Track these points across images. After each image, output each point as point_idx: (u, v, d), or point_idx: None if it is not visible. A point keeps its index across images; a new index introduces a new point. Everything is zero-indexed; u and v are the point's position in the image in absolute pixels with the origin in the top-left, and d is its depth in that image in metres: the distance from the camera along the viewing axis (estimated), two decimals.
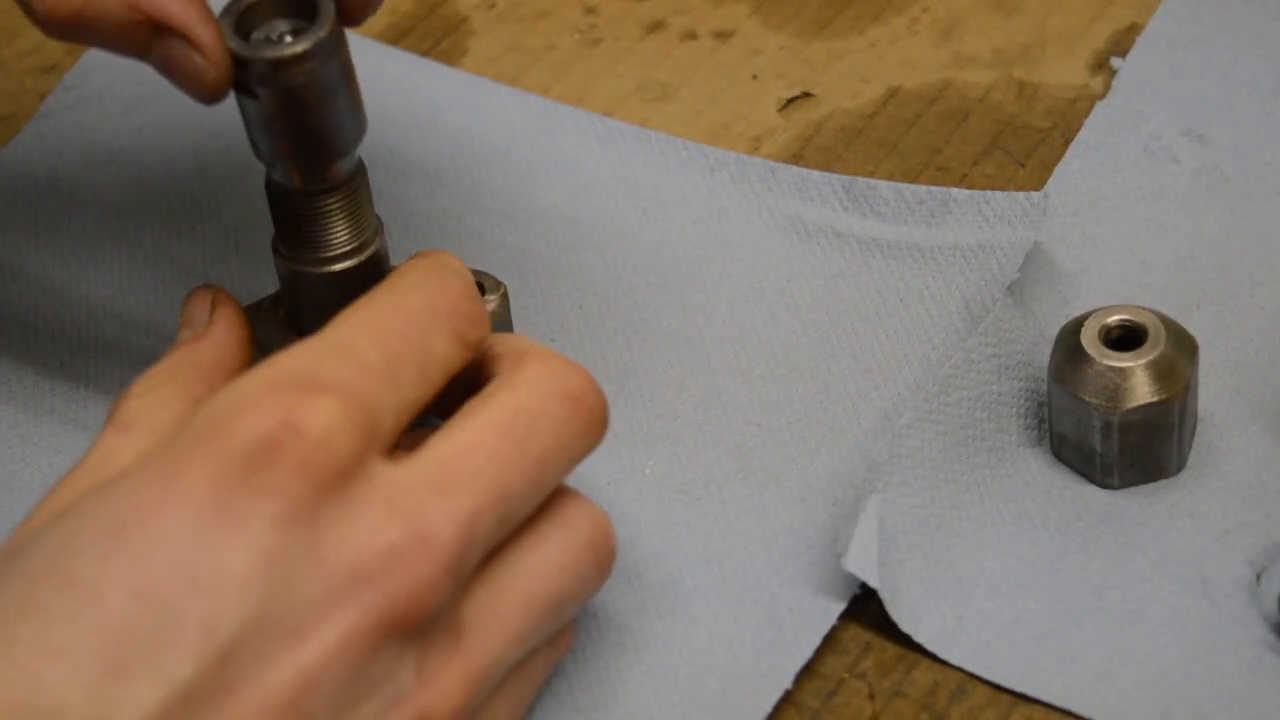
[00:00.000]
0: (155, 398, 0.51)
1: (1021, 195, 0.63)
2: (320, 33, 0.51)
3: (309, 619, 0.44)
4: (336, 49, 0.52)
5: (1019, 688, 0.53)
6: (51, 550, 0.45)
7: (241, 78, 0.52)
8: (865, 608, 0.55)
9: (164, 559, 0.44)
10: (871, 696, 0.54)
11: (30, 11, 0.51)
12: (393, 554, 0.45)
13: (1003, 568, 0.56)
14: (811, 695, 0.54)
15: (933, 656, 0.54)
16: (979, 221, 0.63)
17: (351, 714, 0.45)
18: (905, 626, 0.54)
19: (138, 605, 0.43)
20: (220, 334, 0.54)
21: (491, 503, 0.47)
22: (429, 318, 0.50)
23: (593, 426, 0.50)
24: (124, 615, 0.43)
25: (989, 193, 0.64)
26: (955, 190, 0.64)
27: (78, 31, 0.51)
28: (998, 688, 0.54)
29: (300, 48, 0.51)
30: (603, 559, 0.51)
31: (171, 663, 0.43)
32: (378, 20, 0.74)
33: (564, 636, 0.52)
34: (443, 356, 0.50)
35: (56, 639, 0.43)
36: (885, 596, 0.54)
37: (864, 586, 0.54)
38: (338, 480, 0.45)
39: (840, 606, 0.55)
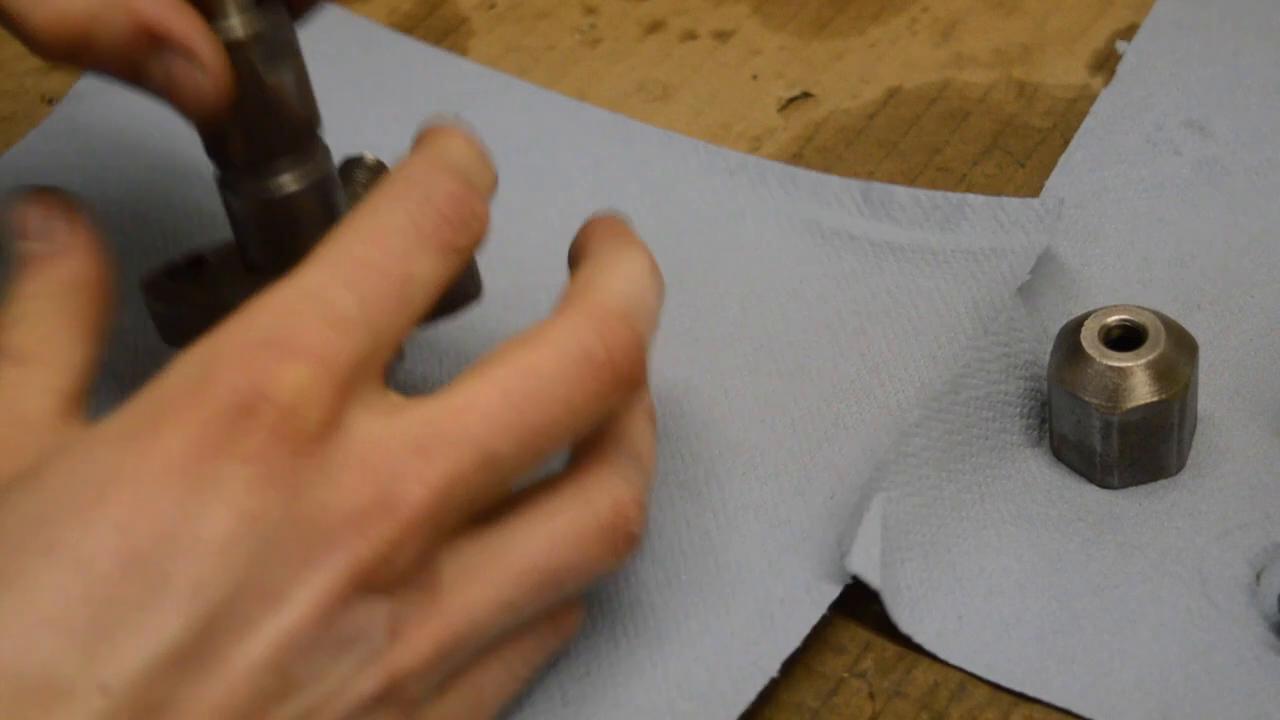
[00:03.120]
0: (44, 328, 0.50)
1: (1036, 202, 0.63)
2: (264, 20, 0.50)
3: (287, 580, 0.45)
4: (286, 36, 0.51)
5: (1019, 688, 0.53)
6: (31, 517, 0.44)
7: None
8: (865, 608, 0.55)
9: (147, 523, 0.44)
10: (871, 696, 0.54)
11: (28, 36, 0.49)
12: (361, 515, 0.45)
13: (1003, 568, 0.56)
14: (811, 695, 0.54)
15: (933, 656, 0.54)
16: (993, 227, 0.63)
17: (328, 672, 0.45)
18: (905, 627, 0.54)
19: (124, 570, 0.43)
20: (89, 245, 0.52)
21: (476, 466, 0.47)
22: (412, 239, 0.49)
23: (609, 388, 0.49)
24: (111, 580, 0.43)
25: (1004, 199, 0.64)
26: (971, 196, 0.64)
27: (77, 52, 0.49)
28: (998, 688, 0.54)
29: (245, 32, 0.50)
30: (619, 543, 0.50)
31: (160, 625, 0.43)
32: (378, 19, 0.74)
33: (568, 618, 0.52)
34: (426, 277, 0.49)
35: (45, 606, 0.43)
36: (886, 596, 0.54)
37: (862, 584, 0.54)
38: (312, 443, 0.45)
39: (832, 595, 0.55)
